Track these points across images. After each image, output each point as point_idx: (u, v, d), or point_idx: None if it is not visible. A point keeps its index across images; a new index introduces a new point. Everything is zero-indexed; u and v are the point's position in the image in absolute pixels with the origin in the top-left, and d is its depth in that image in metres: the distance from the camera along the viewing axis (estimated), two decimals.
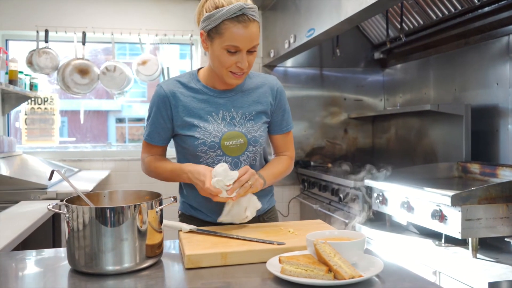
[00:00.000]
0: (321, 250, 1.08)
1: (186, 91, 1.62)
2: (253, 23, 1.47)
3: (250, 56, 1.51)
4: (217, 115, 1.60)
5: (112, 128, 7.15)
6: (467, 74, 3.36)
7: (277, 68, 4.60)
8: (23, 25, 4.09)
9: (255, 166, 1.67)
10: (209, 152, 1.59)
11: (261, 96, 1.66)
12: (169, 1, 4.38)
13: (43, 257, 1.39)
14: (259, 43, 1.51)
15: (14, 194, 2.72)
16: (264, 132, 1.65)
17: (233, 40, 1.45)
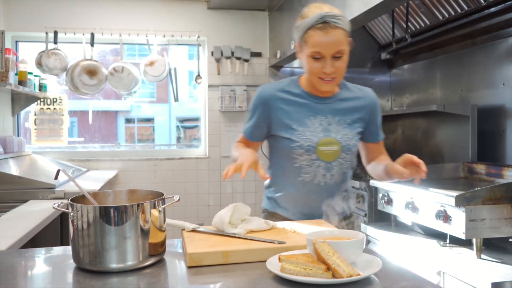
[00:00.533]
0: (319, 249, 1.09)
1: (286, 95, 1.70)
2: (336, 29, 1.54)
3: (337, 62, 1.58)
4: (315, 119, 1.68)
5: (121, 128, 7.20)
6: (473, 74, 3.35)
7: (283, 69, 4.62)
8: (33, 26, 4.14)
9: (347, 174, 1.74)
10: (305, 155, 1.66)
11: (358, 107, 1.73)
12: (176, 2, 4.41)
13: (49, 255, 1.42)
14: (345, 49, 1.58)
15: (23, 194, 2.76)
16: (357, 142, 1.73)
17: (315, 47, 1.55)
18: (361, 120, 1.74)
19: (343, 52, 1.57)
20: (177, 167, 4.46)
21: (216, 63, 4.49)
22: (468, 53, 3.40)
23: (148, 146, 4.79)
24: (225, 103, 4.45)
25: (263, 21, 4.59)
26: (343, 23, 1.57)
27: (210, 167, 4.52)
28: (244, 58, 4.50)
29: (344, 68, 1.61)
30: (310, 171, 1.68)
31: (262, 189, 4.54)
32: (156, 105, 7.36)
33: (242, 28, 4.55)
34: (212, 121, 4.52)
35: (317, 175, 1.69)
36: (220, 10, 4.49)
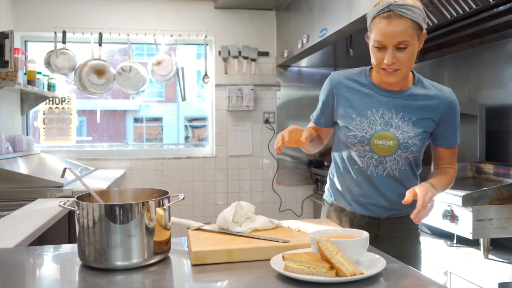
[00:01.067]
0: (323, 247, 1.09)
1: (353, 84, 1.67)
2: (400, 19, 1.47)
3: (400, 53, 1.51)
4: (376, 112, 1.62)
5: (130, 128, 7.23)
6: (482, 73, 3.33)
7: (291, 68, 4.62)
8: (42, 26, 4.18)
9: (403, 171, 1.66)
10: (358, 145, 1.63)
11: (428, 106, 1.63)
12: (184, 2, 4.43)
13: (55, 253, 1.44)
14: (410, 40, 1.49)
15: (31, 192, 2.79)
16: (419, 142, 1.62)
17: (378, 36, 1.50)
18: (430, 121, 1.63)
19: (407, 43, 1.49)
20: (185, 166, 4.48)
21: (223, 62, 4.50)
22: (476, 52, 3.38)
23: (156, 145, 4.81)
24: (232, 103, 4.46)
25: (270, 21, 4.59)
26: (411, 13, 1.48)
27: (217, 166, 4.53)
28: (251, 57, 4.50)
29: (408, 60, 1.52)
30: (363, 162, 1.65)
31: (269, 188, 4.56)
32: (164, 105, 7.40)
33: (249, 28, 4.55)
34: (219, 120, 4.53)
35: (370, 166, 1.65)
36: (227, 10, 4.50)
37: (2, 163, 3.02)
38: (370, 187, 1.66)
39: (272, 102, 4.61)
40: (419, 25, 1.50)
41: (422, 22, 1.52)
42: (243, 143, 4.56)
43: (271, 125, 4.60)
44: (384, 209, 1.68)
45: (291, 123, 4.60)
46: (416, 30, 1.50)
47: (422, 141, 1.62)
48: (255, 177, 4.60)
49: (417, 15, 1.50)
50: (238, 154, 4.55)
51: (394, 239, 1.68)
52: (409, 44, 1.49)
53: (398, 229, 1.70)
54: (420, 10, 1.51)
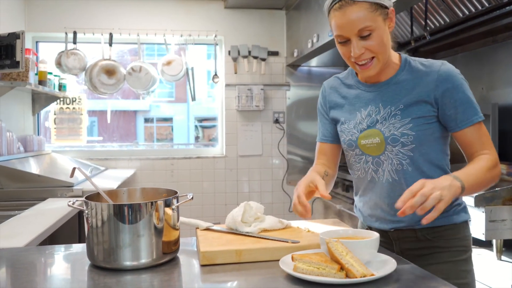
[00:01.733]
0: (333, 248, 1.08)
1: (342, 88, 1.55)
2: (353, 5, 1.30)
3: (366, 41, 1.34)
4: (365, 111, 1.46)
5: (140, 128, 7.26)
6: (494, 72, 3.28)
7: (301, 68, 4.60)
8: (53, 27, 4.20)
9: (405, 172, 1.40)
10: (349, 150, 1.50)
11: (416, 86, 1.40)
12: (193, 1, 4.43)
13: (65, 252, 1.44)
14: (372, 25, 1.32)
15: (42, 192, 2.80)
16: (413, 130, 1.37)
17: (336, 30, 1.35)
18: (423, 103, 1.38)
19: (370, 29, 1.32)
20: (194, 166, 4.48)
21: (233, 62, 4.49)
22: (489, 50, 3.34)
23: (166, 145, 4.82)
24: (242, 102, 4.45)
25: (280, 20, 4.58)
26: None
27: (227, 166, 4.53)
28: (261, 57, 4.49)
29: (378, 46, 1.34)
30: (360, 168, 1.48)
31: (279, 189, 4.54)
32: (174, 105, 7.42)
33: (259, 27, 4.54)
34: (229, 120, 4.53)
35: (368, 171, 1.46)
36: (237, 9, 4.49)
37: (13, 162, 3.04)
38: (372, 195, 1.48)
39: (282, 102, 4.60)
40: (379, 4, 1.33)
41: (383, 0, 1.34)
42: (253, 143, 4.55)
43: (281, 125, 4.58)
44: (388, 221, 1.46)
45: (301, 123, 4.59)
46: (377, 11, 1.32)
47: (417, 129, 1.37)
48: (264, 177, 4.59)
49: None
50: (248, 154, 4.55)
51: (415, 258, 1.40)
52: (373, 29, 1.32)
53: (415, 246, 1.44)
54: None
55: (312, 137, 4.63)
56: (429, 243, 1.42)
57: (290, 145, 4.61)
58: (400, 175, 1.41)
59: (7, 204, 2.68)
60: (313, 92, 4.64)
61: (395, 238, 1.47)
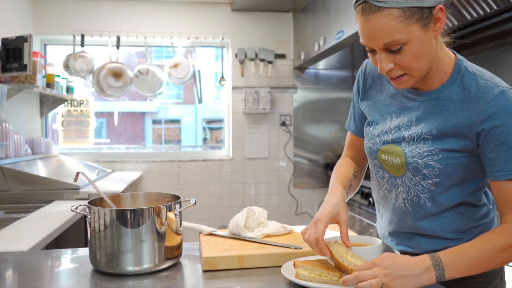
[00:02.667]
0: (333, 251, 1.07)
1: (382, 78, 1.29)
2: (379, 13, 1.02)
3: (397, 56, 1.07)
4: (396, 120, 1.23)
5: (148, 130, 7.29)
6: (503, 75, 3.23)
7: (308, 70, 4.59)
8: (61, 30, 4.23)
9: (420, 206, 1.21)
10: (369, 157, 1.31)
11: (459, 111, 1.13)
12: (201, 4, 4.44)
13: (68, 257, 1.44)
14: (402, 38, 1.04)
15: (48, 194, 2.82)
16: (440, 164, 1.14)
17: (360, 37, 1.10)
18: (463, 136, 1.13)
19: (401, 42, 1.04)
20: (201, 168, 4.48)
21: (240, 65, 4.49)
22: (498, 53, 3.31)
23: (173, 147, 4.83)
24: (249, 105, 4.44)
25: (287, 23, 4.57)
26: (394, 0, 1.01)
27: (233, 169, 4.53)
28: (268, 59, 4.48)
29: (411, 61, 1.07)
30: (376, 179, 1.31)
31: (286, 191, 4.53)
32: (182, 107, 7.45)
33: (266, 30, 4.54)
34: (235, 123, 4.53)
35: (382, 187, 1.29)
36: (244, 12, 4.49)
37: (21, 165, 3.06)
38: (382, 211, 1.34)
39: (288, 104, 4.59)
40: (416, 8, 1.03)
41: (423, 1, 1.03)
42: (259, 146, 4.54)
43: (288, 128, 4.57)
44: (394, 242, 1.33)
45: (308, 125, 4.58)
46: (413, 17, 1.03)
47: (445, 162, 1.14)
48: (271, 180, 4.58)
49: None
50: (254, 156, 4.54)
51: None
52: (405, 42, 1.05)
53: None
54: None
55: (319, 139, 4.61)
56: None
57: (297, 148, 4.60)
58: (415, 208, 1.22)
59: (14, 206, 2.70)
60: (320, 95, 4.63)
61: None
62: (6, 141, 3.04)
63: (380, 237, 1.41)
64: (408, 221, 1.25)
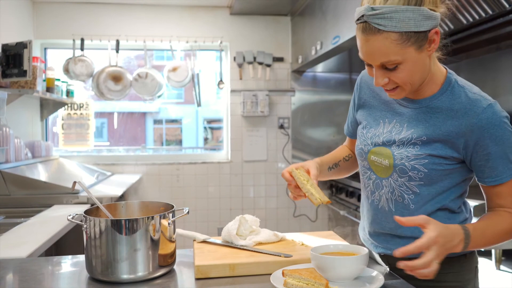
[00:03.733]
0: (295, 177, 1.24)
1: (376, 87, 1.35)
2: (378, 35, 1.11)
3: (392, 73, 1.16)
4: (389, 124, 1.32)
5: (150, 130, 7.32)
6: (498, 79, 3.28)
7: (306, 73, 4.63)
8: (61, 34, 4.27)
9: (404, 205, 1.29)
10: (359, 159, 1.39)
11: (448, 122, 1.22)
12: (199, 8, 4.47)
13: (64, 264, 1.47)
14: (397, 59, 1.13)
15: (48, 198, 2.85)
16: (425, 168, 1.23)
17: (359, 50, 1.18)
18: (447, 143, 1.22)
19: (396, 62, 1.13)
20: (200, 171, 4.52)
21: (239, 68, 4.53)
22: (493, 58, 3.34)
23: (172, 148, 4.86)
24: (247, 108, 4.48)
25: (285, 26, 4.61)
26: (394, 24, 1.09)
27: (232, 172, 4.56)
28: (266, 63, 4.52)
29: (404, 77, 1.16)
30: (363, 180, 1.41)
31: (284, 194, 4.57)
32: (183, 106, 7.47)
33: (264, 34, 4.57)
34: (234, 125, 4.56)
35: (367, 188, 1.38)
36: (242, 16, 4.53)
37: (21, 169, 3.10)
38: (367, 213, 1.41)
39: (286, 107, 4.62)
40: (413, 33, 1.11)
41: (421, 24, 1.11)
42: (258, 148, 4.58)
43: (286, 131, 4.61)
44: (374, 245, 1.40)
45: (306, 128, 4.61)
46: (409, 40, 1.11)
47: (430, 167, 1.22)
48: (270, 182, 4.62)
49: (407, 22, 1.09)
50: (253, 159, 4.58)
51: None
52: (401, 62, 1.14)
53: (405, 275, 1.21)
54: (412, 11, 1.09)
55: (317, 142, 4.65)
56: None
57: (295, 150, 4.63)
58: (398, 208, 1.30)
59: (14, 210, 2.74)
60: (318, 97, 4.66)
61: (385, 262, 1.31)
62: (7, 146, 3.08)
63: (362, 242, 1.48)
64: (390, 222, 1.31)
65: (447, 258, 1.14)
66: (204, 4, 4.43)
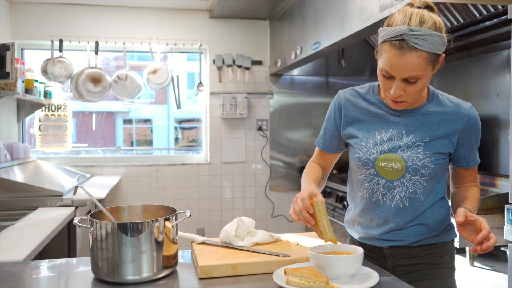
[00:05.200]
0: (317, 208, 1.33)
1: (362, 102, 1.55)
2: (413, 52, 1.31)
3: (409, 86, 1.36)
4: (385, 133, 1.50)
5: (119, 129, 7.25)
6: (469, 85, 3.45)
7: (284, 77, 4.72)
8: (39, 35, 4.23)
9: (415, 200, 1.48)
10: (363, 168, 1.52)
11: (443, 124, 1.47)
12: (179, 11, 4.51)
13: (67, 266, 1.51)
14: (422, 74, 1.34)
15: (31, 201, 2.84)
16: (432, 164, 1.45)
17: (386, 65, 1.35)
18: (447, 141, 1.47)
19: (418, 77, 1.34)
20: (179, 172, 4.55)
21: (218, 71, 4.58)
22: (464, 64, 3.50)
23: (150, 149, 4.87)
24: (226, 110, 4.54)
25: (264, 30, 4.69)
26: (427, 44, 1.30)
27: (211, 173, 4.61)
28: (245, 66, 4.59)
29: (417, 92, 1.38)
30: (368, 187, 1.52)
31: (262, 194, 4.65)
32: (154, 106, 7.43)
33: (243, 37, 4.64)
34: (213, 127, 4.61)
35: (376, 192, 1.51)
36: (221, 19, 4.59)
37: (2, 171, 3.07)
38: (374, 216, 1.53)
39: (265, 109, 4.70)
40: (435, 54, 1.34)
41: (441, 48, 1.35)
42: (236, 150, 4.65)
43: (264, 132, 4.69)
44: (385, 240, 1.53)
45: (284, 130, 4.70)
46: (432, 60, 1.34)
47: (436, 162, 1.45)
48: (248, 183, 4.69)
49: (435, 45, 1.32)
50: (231, 160, 4.64)
51: (407, 274, 1.51)
52: (420, 78, 1.35)
53: (407, 263, 1.52)
54: (439, 37, 1.33)
55: (294, 143, 4.75)
56: (421, 259, 1.51)
57: (273, 151, 4.72)
58: (412, 203, 1.48)
59: None
60: (295, 100, 4.76)
61: (389, 254, 1.52)
62: None
63: (360, 241, 1.59)
64: (403, 217, 1.49)
65: (442, 243, 1.52)
66: (184, 7, 4.47)
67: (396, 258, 1.52)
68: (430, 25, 1.33)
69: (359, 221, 1.58)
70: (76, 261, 1.54)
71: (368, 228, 1.55)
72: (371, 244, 1.55)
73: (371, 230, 1.54)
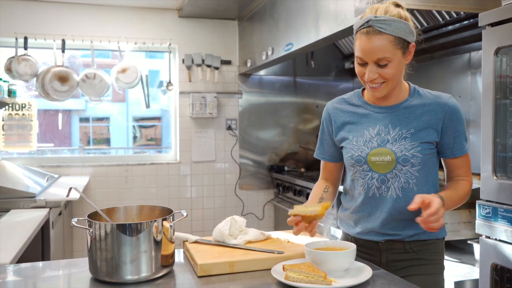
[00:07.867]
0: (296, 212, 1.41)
1: (348, 107, 1.68)
2: (379, 35, 1.45)
3: (381, 70, 1.48)
4: (373, 129, 1.60)
5: (75, 128, 7.08)
6: (432, 86, 3.57)
7: (253, 76, 4.78)
8: (2, 32, 4.11)
9: (409, 190, 1.56)
10: (356, 166, 1.61)
11: (426, 114, 1.56)
12: (148, 10, 4.48)
13: (63, 267, 1.51)
14: (390, 56, 1.46)
15: (3, 203, 2.78)
16: (420, 153, 1.53)
17: (358, 51, 1.50)
18: (431, 130, 1.56)
19: (388, 60, 1.46)
20: (149, 172, 4.53)
21: (187, 70, 4.58)
22: (427, 66, 3.66)
23: (106, 148, 4.78)
24: (196, 110, 4.55)
25: (233, 30, 4.72)
26: (392, 29, 1.44)
27: (181, 172, 4.62)
28: (215, 65, 4.61)
29: (391, 75, 1.49)
30: (363, 183, 1.60)
31: (232, 193, 4.69)
32: (112, 104, 7.26)
33: (213, 37, 4.66)
34: (183, 127, 4.62)
35: (371, 187, 1.59)
36: (191, 19, 4.59)
37: None
38: (372, 210, 1.60)
39: (234, 109, 4.75)
40: (402, 39, 1.47)
41: (408, 35, 1.48)
42: (206, 149, 4.67)
43: (234, 132, 4.73)
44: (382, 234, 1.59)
45: (252, 129, 4.76)
46: (399, 44, 1.47)
47: (424, 152, 1.54)
48: (218, 182, 4.72)
49: (400, 30, 1.46)
50: (201, 160, 4.66)
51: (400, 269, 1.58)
52: (390, 60, 1.47)
53: (401, 258, 1.59)
54: (404, 24, 1.46)
55: (263, 142, 4.81)
56: (414, 255, 1.58)
57: (243, 150, 4.77)
58: (405, 193, 1.56)
59: None
60: (264, 99, 4.83)
61: (384, 249, 1.59)
62: None
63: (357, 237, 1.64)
64: (399, 207, 1.56)
65: (435, 240, 1.60)
66: (153, 6, 4.44)
67: (391, 253, 1.59)
68: (395, 14, 1.48)
69: (358, 216, 1.64)
70: (71, 262, 1.54)
71: (367, 222, 1.61)
72: (368, 238, 1.61)
73: (370, 224, 1.60)
